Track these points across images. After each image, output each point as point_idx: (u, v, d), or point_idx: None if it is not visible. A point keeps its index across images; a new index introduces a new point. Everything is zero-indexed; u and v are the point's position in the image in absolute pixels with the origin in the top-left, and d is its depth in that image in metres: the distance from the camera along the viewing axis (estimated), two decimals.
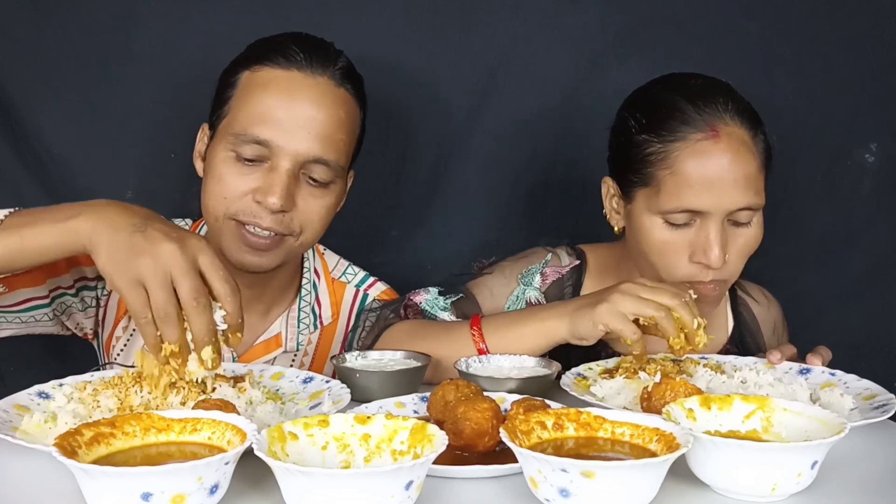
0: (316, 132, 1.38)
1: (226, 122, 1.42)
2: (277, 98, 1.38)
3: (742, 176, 1.35)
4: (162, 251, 1.07)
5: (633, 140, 1.41)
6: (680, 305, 1.25)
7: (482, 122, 1.89)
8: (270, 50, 1.42)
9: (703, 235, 1.36)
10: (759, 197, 1.37)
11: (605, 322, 1.26)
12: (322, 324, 1.59)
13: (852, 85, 1.92)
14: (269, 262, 1.44)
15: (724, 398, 1.03)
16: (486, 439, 1.02)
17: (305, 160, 1.39)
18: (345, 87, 1.43)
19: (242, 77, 1.42)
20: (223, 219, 1.41)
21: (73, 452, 0.86)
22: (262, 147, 1.38)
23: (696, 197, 1.35)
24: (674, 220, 1.37)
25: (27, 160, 1.77)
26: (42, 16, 1.76)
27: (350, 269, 1.65)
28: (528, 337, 1.35)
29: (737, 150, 1.35)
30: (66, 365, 1.43)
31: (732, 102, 1.39)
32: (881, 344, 1.93)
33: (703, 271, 1.38)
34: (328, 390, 1.24)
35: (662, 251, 1.40)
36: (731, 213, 1.36)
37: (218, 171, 1.41)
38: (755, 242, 1.41)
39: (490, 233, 1.92)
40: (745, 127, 1.37)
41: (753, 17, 1.90)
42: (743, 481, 0.92)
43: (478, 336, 1.38)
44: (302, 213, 1.41)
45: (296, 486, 0.82)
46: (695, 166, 1.34)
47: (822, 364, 1.36)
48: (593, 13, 1.88)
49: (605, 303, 1.27)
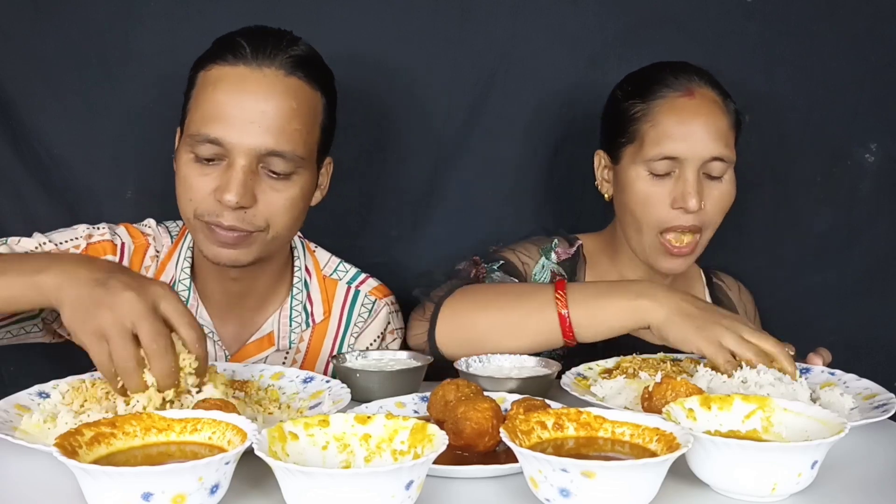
0: (267, 125, 1.37)
1: (186, 123, 1.43)
2: (225, 95, 1.37)
3: (714, 128, 1.52)
4: (121, 301, 1.07)
5: (621, 107, 1.58)
6: (782, 355, 1.26)
7: (482, 122, 1.89)
8: (221, 47, 1.41)
9: (682, 183, 1.52)
10: (730, 151, 1.54)
11: (702, 348, 1.27)
12: (314, 321, 1.59)
13: (852, 85, 1.92)
14: (245, 257, 1.43)
15: (724, 398, 1.03)
16: (487, 439, 1.02)
17: (259, 154, 1.37)
18: (296, 75, 1.40)
19: (198, 77, 1.42)
20: (193, 219, 1.42)
21: (73, 452, 0.86)
22: (217, 146, 1.37)
23: (675, 144, 1.51)
24: (656, 168, 1.53)
25: (27, 160, 1.77)
26: (42, 16, 1.76)
27: (341, 265, 1.65)
28: (616, 312, 1.35)
29: (709, 107, 1.54)
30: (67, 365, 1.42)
31: (707, 75, 1.58)
32: (881, 344, 1.93)
33: (683, 216, 1.52)
34: (328, 390, 1.25)
35: (646, 200, 1.54)
36: (705, 164, 1.52)
37: (182, 172, 1.41)
38: (729, 197, 1.56)
39: (490, 233, 1.92)
40: (716, 91, 1.56)
41: (753, 17, 1.90)
42: (743, 481, 0.92)
43: (562, 301, 1.36)
44: (264, 207, 1.40)
45: (296, 486, 0.82)
46: (673, 119, 1.52)
47: (822, 364, 1.36)
48: (593, 13, 1.88)
49: (707, 332, 1.27)
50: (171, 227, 1.60)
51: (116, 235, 1.54)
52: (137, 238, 1.56)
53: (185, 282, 1.53)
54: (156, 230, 1.58)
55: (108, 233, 1.54)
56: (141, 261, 1.55)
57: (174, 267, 1.55)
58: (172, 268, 1.55)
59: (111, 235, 1.54)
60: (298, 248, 1.62)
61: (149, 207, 1.69)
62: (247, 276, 1.51)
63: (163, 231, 1.59)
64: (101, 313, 1.07)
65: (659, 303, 1.32)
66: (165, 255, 1.56)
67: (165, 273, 1.55)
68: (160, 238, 1.58)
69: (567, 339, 1.36)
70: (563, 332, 1.36)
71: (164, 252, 1.57)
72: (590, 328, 1.36)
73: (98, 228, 1.54)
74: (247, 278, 1.52)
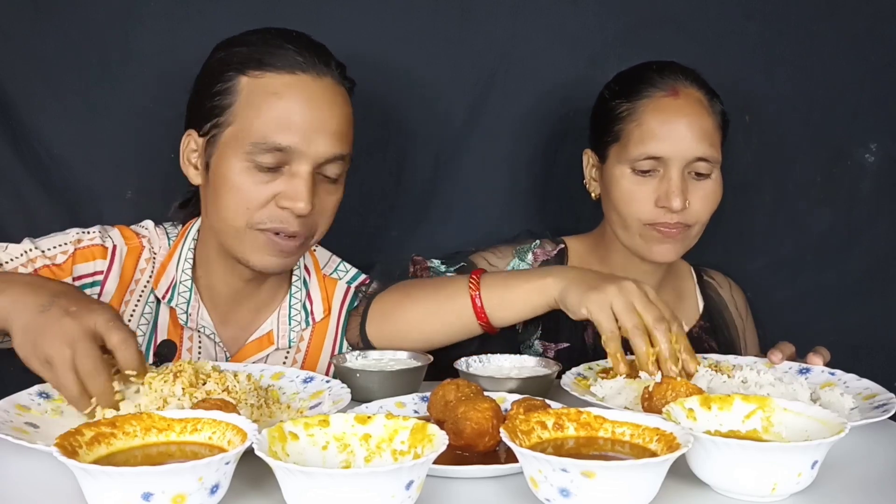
0: (332, 132, 1.41)
1: (232, 130, 1.41)
2: (293, 103, 1.39)
3: (698, 129, 1.52)
4: (59, 327, 1.12)
5: (608, 106, 1.59)
6: (659, 330, 1.23)
7: (482, 122, 1.89)
8: (268, 54, 1.41)
9: (666, 182, 1.52)
10: (715, 150, 1.54)
11: (590, 308, 1.27)
12: (314, 320, 1.59)
13: (852, 85, 1.92)
14: (293, 263, 1.50)
15: (724, 398, 1.03)
16: (487, 439, 1.02)
17: (324, 161, 1.41)
18: (344, 83, 1.46)
19: (241, 83, 1.41)
20: (245, 229, 1.41)
21: (73, 452, 0.86)
22: (283, 153, 1.39)
23: (658, 144, 1.52)
24: (640, 167, 1.53)
25: (27, 160, 1.77)
26: (42, 16, 1.76)
27: (341, 265, 1.66)
28: (523, 293, 1.38)
29: (693, 107, 1.53)
30: None
31: (693, 75, 1.57)
32: (881, 344, 1.93)
33: (667, 214, 1.53)
34: (328, 390, 1.25)
35: (631, 198, 1.55)
36: (689, 163, 1.52)
37: (235, 182, 1.40)
38: (715, 196, 1.56)
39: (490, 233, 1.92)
40: (701, 91, 1.56)
41: (753, 17, 1.90)
42: (743, 481, 0.92)
43: (474, 285, 1.39)
44: (318, 211, 1.44)
45: (296, 486, 0.82)
46: (657, 118, 1.53)
47: (822, 364, 1.36)
48: (593, 13, 1.88)
49: (599, 292, 1.27)
50: (169, 228, 1.59)
51: (108, 238, 1.53)
52: (131, 240, 1.55)
53: (186, 283, 1.53)
54: (153, 232, 1.57)
55: (97, 237, 1.52)
56: (134, 264, 1.54)
57: (175, 268, 1.54)
58: (173, 269, 1.54)
59: (101, 239, 1.52)
60: None
61: (149, 208, 1.69)
62: (257, 277, 1.52)
63: (160, 233, 1.58)
64: (45, 342, 1.12)
65: (562, 277, 1.35)
66: (165, 256, 1.55)
67: (165, 275, 1.54)
68: (157, 240, 1.57)
69: (481, 321, 1.39)
70: (477, 315, 1.39)
71: (162, 254, 1.56)
72: (502, 310, 1.39)
73: (88, 232, 1.52)
74: (257, 279, 1.52)
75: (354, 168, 1.83)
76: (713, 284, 1.77)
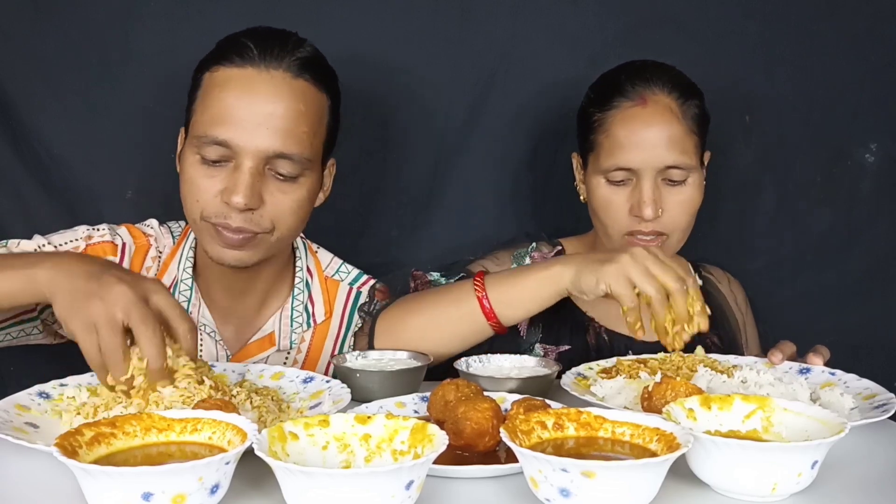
0: (275, 127, 1.37)
1: (191, 124, 1.43)
2: (233, 97, 1.38)
3: (667, 137, 1.51)
4: (113, 293, 1.09)
5: (585, 113, 1.60)
6: (679, 292, 1.25)
7: (482, 122, 1.89)
8: (226, 48, 1.41)
9: (638, 191, 1.52)
10: (688, 157, 1.52)
11: (609, 282, 1.27)
12: (315, 322, 1.59)
13: (852, 85, 1.92)
14: (250, 258, 1.44)
15: (724, 398, 1.03)
16: (487, 439, 1.02)
17: (267, 156, 1.38)
18: (303, 77, 1.41)
19: (204, 78, 1.42)
20: (199, 221, 1.42)
21: (73, 452, 0.86)
22: (224, 148, 1.37)
23: (627, 155, 1.51)
24: (612, 177, 1.54)
25: (27, 160, 1.77)
26: (42, 16, 1.76)
27: (343, 266, 1.65)
28: (532, 286, 1.36)
29: (662, 115, 1.52)
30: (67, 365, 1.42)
31: (668, 77, 1.55)
32: (881, 344, 1.93)
33: (642, 223, 1.52)
34: (328, 390, 1.24)
35: (606, 207, 1.56)
36: (661, 172, 1.51)
37: (188, 174, 1.42)
38: (692, 202, 1.55)
39: (490, 233, 1.92)
40: (672, 96, 1.53)
41: (753, 17, 1.90)
42: (743, 481, 0.92)
43: (480, 287, 1.38)
44: (271, 208, 1.41)
45: (296, 486, 0.82)
46: (625, 129, 1.52)
47: (822, 363, 1.36)
48: (593, 13, 1.88)
49: (614, 263, 1.27)
50: (174, 227, 1.60)
51: (118, 236, 1.55)
52: (139, 238, 1.56)
53: (187, 282, 1.54)
54: (158, 230, 1.58)
55: (108, 234, 1.54)
56: (142, 261, 1.55)
57: (176, 267, 1.55)
58: (175, 268, 1.55)
59: (112, 236, 1.54)
60: (300, 249, 1.62)
61: (149, 207, 1.69)
62: (248, 276, 1.52)
63: (165, 231, 1.59)
64: (92, 304, 1.09)
65: (568, 263, 1.34)
66: (168, 255, 1.57)
67: (168, 273, 1.55)
68: (162, 238, 1.58)
69: (491, 322, 1.38)
70: (486, 316, 1.37)
71: (166, 252, 1.57)
72: (510, 307, 1.37)
73: (98, 230, 1.55)
74: (248, 277, 1.52)
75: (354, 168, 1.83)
76: (712, 280, 1.76)
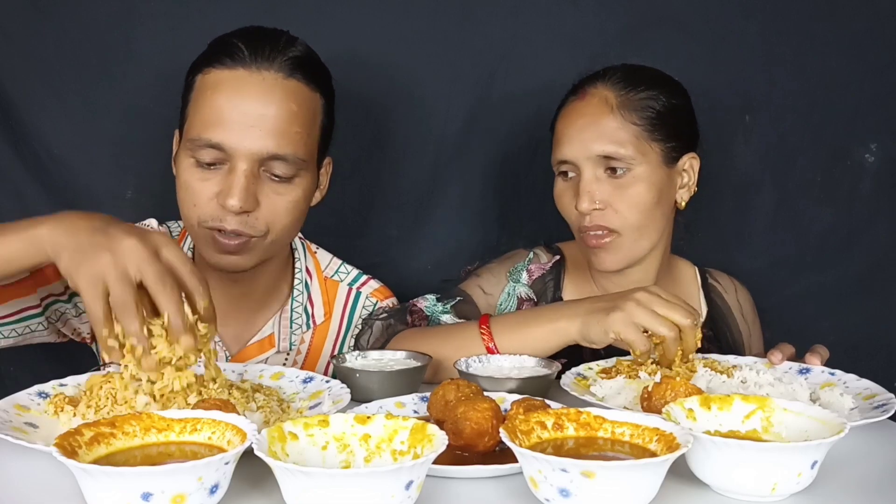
0: (268, 129, 1.36)
1: (185, 127, 1.42)
2: (225, 99, 1.36)
3: (597, 127, 1.50)
4: (122, 246, 1.05)
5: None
6: (690, 328, 1.27)
7: (482, 122, 1.89)
8: (217, 50, 1.40)
9: (577, 183, 1.52)
10: (624, 148, 1.49)
11: (617, 331, 1.28)
12: (315, 323, 1.59)
13: (852, 85, 1.92)
14: (245, 262, 1.43)
15: (724, 398, 1.03)
16: (486, 439, 1.02)
17: (262, 158, 1.37)
18: (295, 77, 1.39)
19: (196, 81, 1.41)
20: (197, 227, 1.41)
21: (73, 452, 0.86)
22: (218, 150, 1.36)
23: (563, 148, 1.53)
24: (559, 169, 1.56)
25: (27, 160, 1.77)
26: (42, 16, 1.76)
27: (343, 267, 1.65)
28: (540, 337, 1.37)
29: (596, 107, 1.51)
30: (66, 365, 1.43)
31: (623, 74, 1.54)
32: (881, 344, 1.93)
33: (583, 217, 1.52)
34: (328, 390, 1.24)
35: (559, 200, 1.58)
36: (599, 163, 1.50)
37: (183, 178, 1.41)
38: (641, 198, 1.50)
39: (490, 233, 1.92)
40: (615, 89, 1.52)
41: (753, 17, 1.90)
42: (743, 481, 0.92)
43: (487, 336, 1.38)
44: (267, 210, 1.40)
45: (296, 486, 0.82)
46: (563, 122, 1.55)
47: (820, 363, 1.36)
48: (593, 13, 1.88)
49: (619, 311, 1.28)
50: (173, 226, 1.60)
51: None
52: None
53: None
54: (157, 230, 1.58)
55: None
56: None
57: None
58: None
59: None
60: (299, 250, 1.62)
61: (149, 207, 1.69)
62: (246, 278, 1.51)
63: (164, 231, 1.59)
64: (101, 257, 1.05)
65: (572, 314, 1.34)
66: None
67: None
68: None
69: None
70: None
71: None
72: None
73: None
74: (246, 279, 1.52)
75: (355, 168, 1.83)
76: (718, 289, 1.73)
